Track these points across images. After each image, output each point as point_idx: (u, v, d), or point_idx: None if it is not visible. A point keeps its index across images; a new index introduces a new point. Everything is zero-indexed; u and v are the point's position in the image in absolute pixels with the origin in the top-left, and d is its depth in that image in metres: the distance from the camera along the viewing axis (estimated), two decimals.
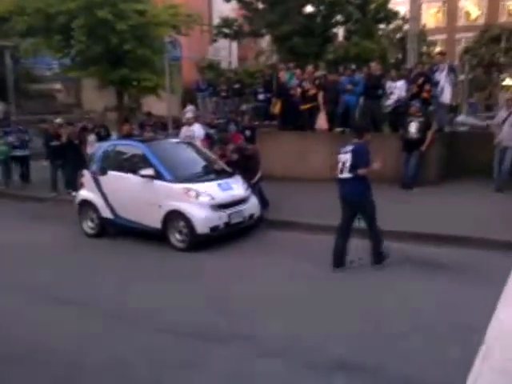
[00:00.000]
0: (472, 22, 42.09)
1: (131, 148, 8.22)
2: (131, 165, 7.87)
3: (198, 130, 10.83)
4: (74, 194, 10.13)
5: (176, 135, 10.99)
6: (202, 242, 7.17)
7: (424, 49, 35.43)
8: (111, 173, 7.99)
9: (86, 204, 8.25)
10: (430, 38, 38.50)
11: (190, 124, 10.97)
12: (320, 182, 10.50)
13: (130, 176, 7.66)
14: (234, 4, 25.77)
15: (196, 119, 11.22)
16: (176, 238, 7.25)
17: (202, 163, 8.31)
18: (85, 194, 8.33)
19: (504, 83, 37.16)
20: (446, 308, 4.98)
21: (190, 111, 11.86)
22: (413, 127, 9.96)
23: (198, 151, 8.71)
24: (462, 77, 24.75)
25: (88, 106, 30.54)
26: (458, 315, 4.78)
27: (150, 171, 7.35)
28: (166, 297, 5.56)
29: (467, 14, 43.60)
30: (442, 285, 5.60)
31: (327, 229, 7.64)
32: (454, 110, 16.28)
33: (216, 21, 28.42)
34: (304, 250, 7.08)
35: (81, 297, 5.66)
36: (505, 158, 9.52)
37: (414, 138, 9.97)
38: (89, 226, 8.27)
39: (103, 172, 8.07)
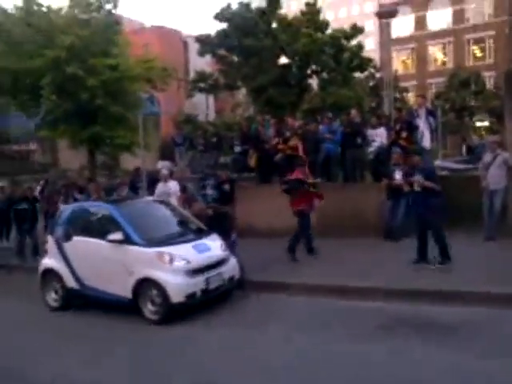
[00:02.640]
0: (441, 67, 43.54)
1: (98, 210, 7.57)
2: (99, 229, 7.19)
3: (173, 186, 10.39)
4: None
5: (151, 193, 10.49)
6: (177, 312, 6.46)
7: (397, 95, 36.33)
8: (76, 238, 7.31)
9: (50, 273, 7.51)
10: (402, 84, 39.59)
11: (165, 180, 10.53)
12: None
13: (97, 241, 6.98)
14: (209, 58, 26.11)
15: (171, 175, 10.76)
16: (149, 308, 6.52)
17: (175, 223, 7.71)
18: (48, 262, 7.60)
19: (477, 125, 38.06)
20: (453, 378, 4.36)
21: (165, 167, 11.38)
22: (397, 175, 9.60)
23: (172, 210, 8.15)
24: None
25: (65, 165, 30.03)
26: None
27: (118, 235, 6.71)
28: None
29: (435, 59, 45.19)
30: (443, 350, 4.97)
31: (313, 289, 7.17)
32: (472, 151, 16.25)
33: (193, 75, 28.72)
34: (290, 314, 6.42)
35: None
36: (494, 202, 9.15)
37: (400, 184, 9.58)
38: (52, 297, 7.50)
39: (67, 238, 7.38)
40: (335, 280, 7.31)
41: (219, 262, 6.99)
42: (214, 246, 7.13)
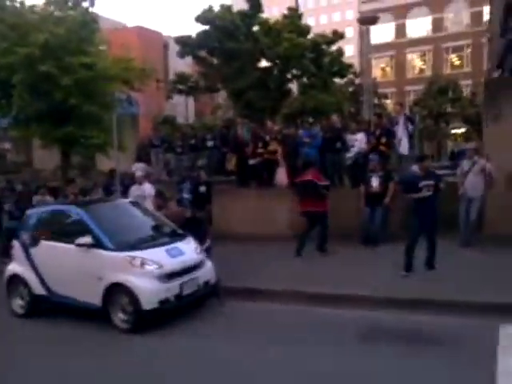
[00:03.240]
0: (419, 75, 44.17)
1: (65, 213, 7.21)
2: (67, 232, 6.89)
3: (148, 188, 10.12)
4: None
5: (125, 195, 10.21)
6: (150, 320, 6.21)
7: (376, 101, 36.63)
8: (44, 243, 7.00)
9: (16, 279, 7.18)
10: (381, 90, 39.95)
11: (140, 183, 10.27)
12: (282, 241, 9.87)
13: (65, 246, 6.69)
14: (189, 60, 25.83)
15: (146, 177, 10.50)
16: (119, 317, 6.25)
17: (148, 226, 7.40)
18: (14, 268, 7.27)
19: (453, 131, 38.67)
20: None
21: (139, 170, 11.10)
22: (374, 182, 9.59)
23: (144, 212, 7.85)
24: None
25: (39, 165, 29.27)
26: None
27: (87, 239, 6.42)
28: None
29: (414, 67, 45.85)
30: (427, 361, 4.87)
31: (294, 296, 6.98)
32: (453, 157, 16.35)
33: (172, 77, 28.40)
34: (269, 325, 6.22)
35: None
36: (471, 209, 9.15)
37: (376, 191, 9.58)
38: (18, 304, 7.18)
39: (34, 242, 7.07)
40: (312, 287, 7.15)
41: (194, 267, 6.73)
42: (188, 249, 6.86)
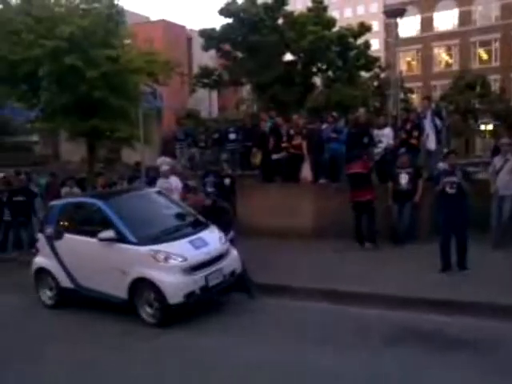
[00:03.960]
0: (446, 69, 43.14)
1: (88, 206, 7.19)
2: (90, 226, 6.85)
3: (175, 182, 10.12)
4: None
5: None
6: (177, 313, 6.17)
7: (402, 96, 35.90)
8: (68, 236, 6.99)
9: (43, 272, 7.23)
10: (407, 85, 39.17)
11: (166, 176, 10.26)
12: (306, 238, 9.76)
13: (89, 239, 6.65)
14: (212, 54, 25.80)
15: (172, 171, 10.51)
16: (146, 310, 6.24)
17: (171, 216, 7.30)
18: (40, 261, 7.32)
19: (482, 128, 37.65)
20: None
21: (164, 163, 11.10)
22: (403, 179, 9.34)
23: (167, 201, 7.74)
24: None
25: (66, 158, 29.74)
26: None
27: (110, 233, 6.37)
28: None
29: (441, 61, 44.81)
30: (460, 365, 4.72)
31: (318, 294, 6.87)
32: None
33: (196, 71, 28.41)
34: (291, 322, 6.14)
35: None
36: (503, 208, 8.85)
37: (405, 189, 9.34)
38: (47, 295, 7.25)
39: (59, 235, 7.07)
40: (340, 285, 7.03)
41: (218, 257, 6.62)
42: (212, 239, 6.74)
